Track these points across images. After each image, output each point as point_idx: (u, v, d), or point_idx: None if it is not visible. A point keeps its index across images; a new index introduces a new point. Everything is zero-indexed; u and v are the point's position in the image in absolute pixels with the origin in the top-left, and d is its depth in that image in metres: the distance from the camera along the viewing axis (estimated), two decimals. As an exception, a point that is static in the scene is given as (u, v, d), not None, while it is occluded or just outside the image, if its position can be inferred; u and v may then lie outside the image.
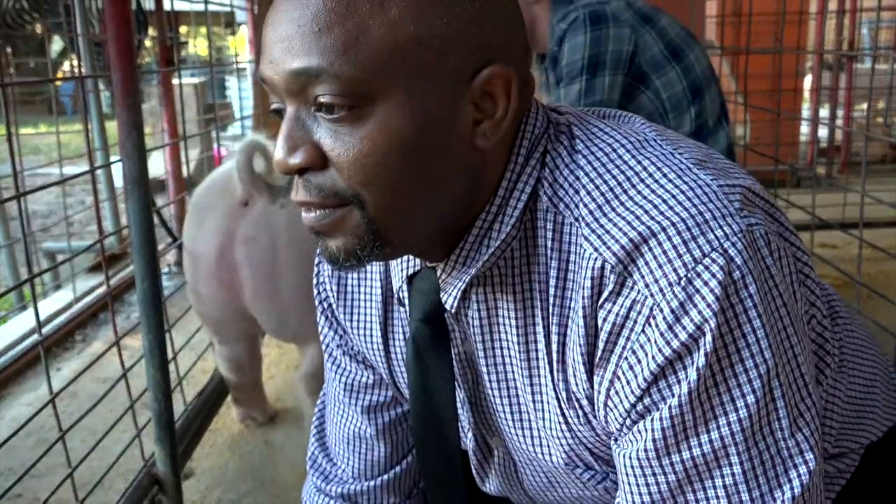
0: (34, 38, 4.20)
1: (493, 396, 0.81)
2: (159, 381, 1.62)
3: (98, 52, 3.51)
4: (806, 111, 5.52)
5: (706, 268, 0.64)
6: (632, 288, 0.66)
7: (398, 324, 0.87)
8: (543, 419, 0.78)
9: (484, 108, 0.68)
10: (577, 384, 0.72)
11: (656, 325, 0.64)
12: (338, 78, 0.62)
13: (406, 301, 0.82)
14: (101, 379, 2.36)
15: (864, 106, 5.16)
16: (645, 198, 0.68)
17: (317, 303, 0.96)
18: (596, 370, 0.70)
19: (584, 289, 0.68)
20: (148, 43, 3.83)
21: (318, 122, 0.65)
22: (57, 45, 5.53)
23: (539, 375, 0.76)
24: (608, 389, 0.69)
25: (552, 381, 0.74)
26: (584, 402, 0.73)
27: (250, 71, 3.98)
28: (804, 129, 5.26)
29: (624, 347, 0.67)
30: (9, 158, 1.46)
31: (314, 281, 0.95)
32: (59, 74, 6.90)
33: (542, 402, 0.77)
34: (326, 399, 1.03)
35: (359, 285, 0.89)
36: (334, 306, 0.93)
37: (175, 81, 3.43)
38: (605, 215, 0.68)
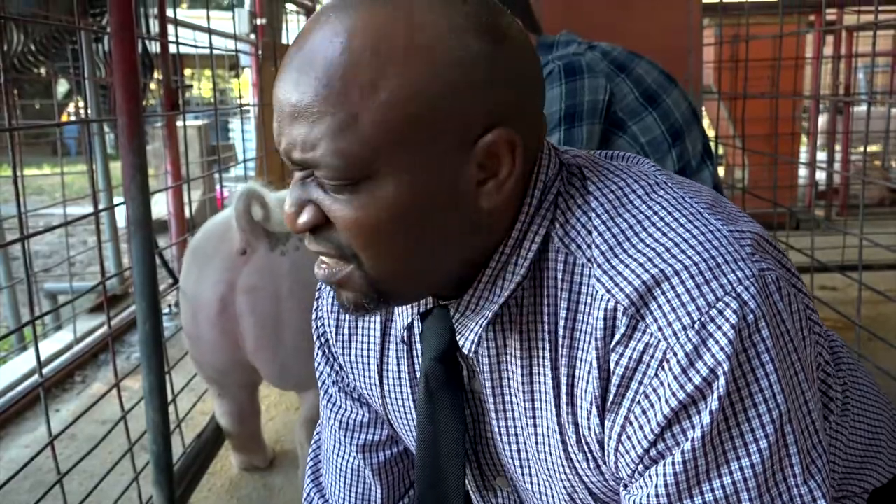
0: (40, 80, 4.26)
1: (499, 436, 0.81)
2: (158, 423, 1.61)
3: (104, 95, 3.56)
4: (804, 154, 5.57)
5: (720, 312, 0.64)
6: (644, 331, 0.66)
7: (394, 361, 0.87)
8: (546, 460, 0.77)
9: (488, 168, 0.67)
10: (588, 427, 0.72)
11: (670, 369, 0.64)
12: (330, 166, 0.64)
13: (417, 339, 0.82)
14: (100, 421, 2.35)
15: (862, 149, 5.20)
16: (657, 241, 0.68)
17: (314, 337, 0.96)
18: (607, 414, 0.69)
19: (596, 330, 0.68)
20: (153, 86, 3.88)
21: (321, 187, 0.67)
22: (62, 86, 5.61)
23: (542, 416, 0.75)
24: (620, 434, 0.69)
25: (557, 423, 0.74)
26: (595, 447, 0.72)
27: (254, 114, 4.02)
28: (802, 171, 5.30)
29: (636, 391, 0.67)
30: (13, 198, 1.47)
31: (313, 316, 0.95)
32: (64, 116, 6.98)
33: (544, 443, 0.76)
34: (322, 437, 1.03)
35: (356, 321, 0.89)
36: (332, 341, 0.93)
37: (179, 123, 3.47)
38: (616, 256, 0.69)
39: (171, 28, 3.27)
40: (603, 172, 0.75)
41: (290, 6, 3.86)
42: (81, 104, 3.99)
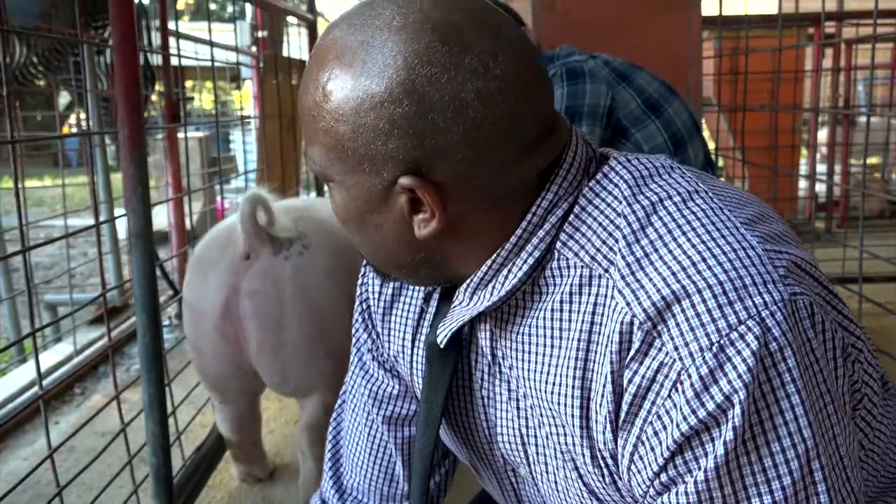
0: (42, 92, 4.27)
1: (511, 428, 0.82)
2: (158, 435, 1.61)
3: (105, 107, 3.57)
4: (804, 166, 5.58)
5: (741, 336, 0.61)
6: (660, 349, 0.64)
7: (426, 331, 0.89)
8: (559, 467, 0.77)
9: (416, 204, 0.71)
10: (603, 442, 0.71)
11: (683, 392, 0.62)
12: (311, 160, 0.75)
13: (433, 309, 0.87)
14: (100, 433, 2.34)
15: (862, 161, 5.22)
16: (684, 254, 0.66)
17: (357, 303, 0.98)
18: (620, 431, 0.68)
19: (612, 343, 0.67)
20: (154, 97, 3.89)
21: None
22: (64, 98, 5.62)
23: (555, 425, 0.75)
24: (632, 453, 0.68)
25: (572, 434, 0.73)
26: (610, 461, 0.71)
27: (255, 126, 4.03)
28: (802, 184, 5.31)
29: (649, 412, 0.65)
30: (13, 210, 1.47)
31: (359, 281, 0.98)
32: (66, 127, 6.99)
33: (558, 448, 0.76)
34: (345, 414, 1.03)
35: (401, 287, 0.92)
36: (373, 307, 0.95)
37: (180, 135, 3.48)
38: (642, 269, 0.67)
39: (172, 40, 3.29)
40: (636, 180, 0.73)
41: (291, 19, 3.88)
42: (83, 116, 4.00)
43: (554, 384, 0.73)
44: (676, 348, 0.63)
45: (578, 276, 0.71)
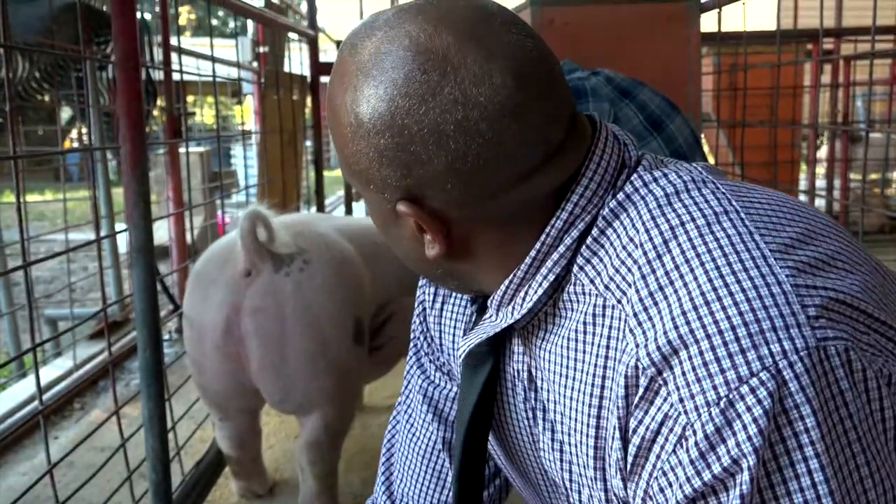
0: (44, 107, 4.29)
1: (545, 444, 0.79)
2: (158, 451, 1.61)
3: (107, 122, 3.58)
4: (804, 182, 5.59)
5: (752, 390, 0.54)
6: (665, 399, 0.58)
7: None
8: (583, 494, 0.74)
9: (421, 226, 0.71)
10: (617, 486, 0.66)
11: (687, 450, 0.56)
12: (342, 172, 0.78)
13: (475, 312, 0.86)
14: (99, 448, 2.34)
15: (861, 177, 5.23)
16: (699, 288, 0.59)
17: (416, 305, 0.98)
18: (629, 482, 0.63)
19: (619, 386, 0.62)
20: (156, 112, 3.91)
21: None
22: (66, 112, 5.64)
23: (577, 454, 0.72)
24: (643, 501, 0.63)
25: (591, 476, 0.70)
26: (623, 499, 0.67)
27: (255, 141, 4.04)
28: (802, 199, 5.31)
29: (654, 466, 0.60)
30: (14, 224, 1.48)
31: (418, 283, 0.97)
32: (67, 142, 7.01)
33: (582, 474, 0.73)
34: (401, 417, 1.01)
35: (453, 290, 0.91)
36: (427, 309, 0.94)
37: (181, 150, 3.49)
38: (655, 304, 0.61)
39: (174, 56, 3.30)
40: (667, 199, 0.67)
41: (292, 35, 3.90)
42: (84, 130, 4.02)
43: (574, 419, 0.70)
44: (681, 400, 0.57)
45: (593, 304, 0.67)
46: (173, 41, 3.39)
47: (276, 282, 1.65)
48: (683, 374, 0.57)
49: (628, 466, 0.62)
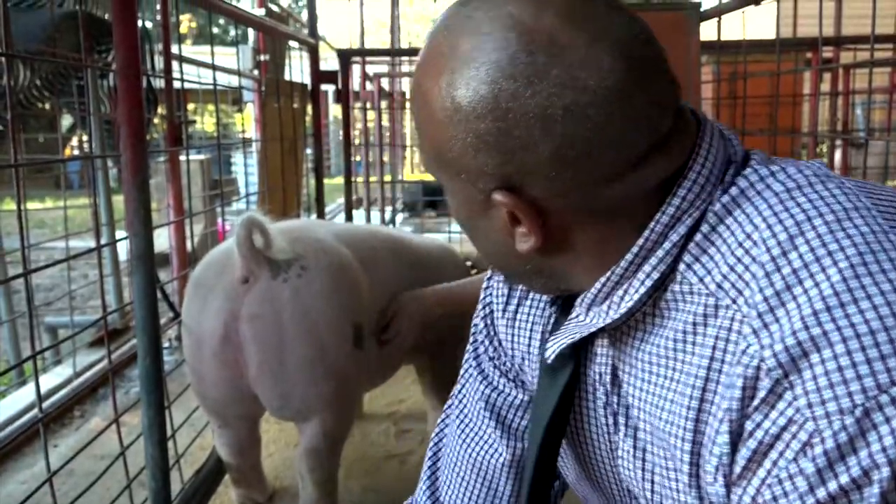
0: (45, 115, 4.30)
1: (627, 454, 0.76)
2: (158, 459, 1.60)
3: (108, 130, 3.59)
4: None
5: (893, 400, 0.51)
6: (790, 403, 0.55)
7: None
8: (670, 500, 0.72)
9: (515, 217, 0.67)
10: (714, 493, 0.63)
11: (813, 459, 0.53)
12: (422, 160, 0.75)
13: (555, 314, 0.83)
14: (99, 456, 2.33)
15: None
16: (832, 287, 0.56)
17: (479, 308, 0.94)
18: (735, 487, 0.60)
19: (734, 387, 0.59)
20: (156, 120, 3.91)
21: None
22: (66, 120, 5.66)
23: (665, 459, 0.69)
24: None
25: (686, 483, 0.67)
26: None
27: (256, 149, 4.05)
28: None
29: (769, 472, 0.57)
30: (15, 232, 1.48)
31: (485, 285, 0.94)
32: (68, 149, 7.03)
33: (669, 486, 0.70)
34: (451, 423, 0.96)
35: (528, 290, 0.87)
36: (496, 312, 0.91)
37: (182, 158, 3.50)
38: (782, 304, 0.57)
39: (175, 64, 3.31)
40: (788, 195, 0.63)
41: (293, 43, 3.91)
42: (85, 138, 4.03)
43: (667, 421, 0.67)
44: (810, 406, 0.53)
45: (703, 304, 0.64)
46: (174, 49, 3.40)
47: (274, 288, 1.65)
48: (814, 378, 0.54)
49: (738, 470, 0.59)
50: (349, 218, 3.71)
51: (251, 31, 4.81)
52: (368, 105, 6.50)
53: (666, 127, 0.65)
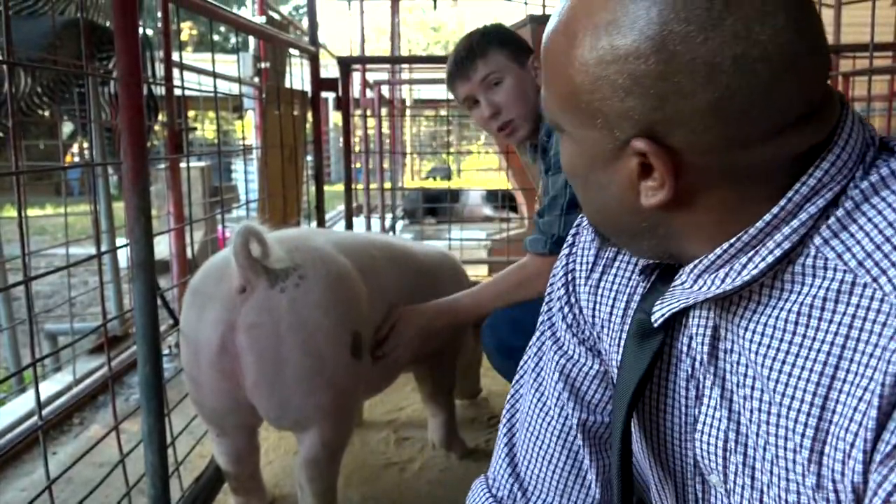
0: (45, 122, 4.30)
1: (714, 429, 0.75)
2: (157, 466, 1.60)
3: (108, 137, 3.59)
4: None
5: None
6: None
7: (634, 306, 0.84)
8: (768, 484, 0.70)
9: (646, 168, 0.67)
10: (841, 472, 0.63)
11: None
12: (545, 106, 0.74)
13: (648, 284, 0.82)
14: (98, 463, 2.33)
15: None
16: None
17: (558, 275, 0.93)
18: (877, 465, 0.59)
19: (879, 365, 0.59)
20: (157, 127, 3.92)
21: None
22: (67, 127, 5.67)
23: (772, 442, 0.68)
24: (891, 494, 0.59)
25: (807, 458, 0.66)
26: (846, 495, 0.63)
27: (256, 156, 4.06)
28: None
29: None
30: (15, 239, 1.48)
31: (566, 252, 0.93)
32: (69, 156, 7.03)
33: (770, 468, 0.70)
34: (525, 392, 0.95)
35: (614, 258, 0.87)
36: (579, 279, 0.90)
37: (182, 165, 3.50)
38: None
39: (175, 71, 3.32)
40: None
41: (293, 51, 3.92)
42: (85, 145, 4.03)
43: (784, 395, 0.66)
44: None
45: (838, 280, 0.63)
46: (175, 56, 3.41)
47: (272, 298, 1.64)
48: None
49: (885, 446, 0.59)
50: (349, 225, 3.71)
51: (252, 39, 4.83)
52: (369, 112, 6.51)
53: (817, 99, 0.65)
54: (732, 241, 0.67)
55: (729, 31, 0.60)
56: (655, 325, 0.74)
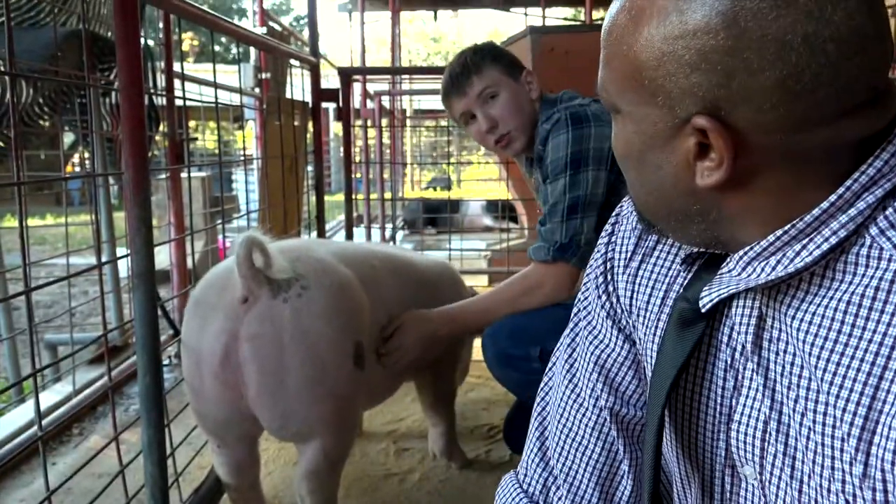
0: (46, 132, 4.31)
1: (751, 419, 0.75)
2: (157, 477, 1.60)
3: (109, 148, 3.60)
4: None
5: None
6: None
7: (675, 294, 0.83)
8: (807, 473, 0.70)
9: (705, 148, 0.67)
10: (891, 461, 0.62)
11: None
12: (602, 87, 0.74)
13: (690, 274, 0.82)
14: (97, 474, 2.33)
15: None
16: None
17: (597, 262, 0.93)
18: None
19: None
20: (158, 137, 3.93)
21: None
22: (68, 137, 5.68)
23: (818, 431, 0.68)
24: None
25: (854, 448, 0.65)
26: (891, 486, 0.63)
27: (257, 166, 4.07)
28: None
29: None
30: (15, 248, 1.49)
31: (605, 241, 0.93)
32: (69, 166, 7.05)
33: (812, 458, 0.69)
34: (557, 380, 0.94)
35: (654, 246, 0.87)
36: (617, 266, 0.90)
37: (183, 175, 3.51)
38: None
39: (177, 82, 3.33)
40: None
41: (294, 62, 3.93)
42: (86, 155, 4.04)
43: (833, 383, 0.66)
44: None
45: (892, 270, 0.63)
46: (176, 67, 3.42)
47: (274, 308, 1.64)
48: None
49: None
50: (350, 235, 3.71)
51: (253, 50, 4.84)
52: (369, 123, 6.53)
53: (881, 86, 0.65)
54: (786, 228, 0.67)
55: (802, 9, 0.60)
56: (703, 310, 0.74)
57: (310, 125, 3.55)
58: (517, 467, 1.00)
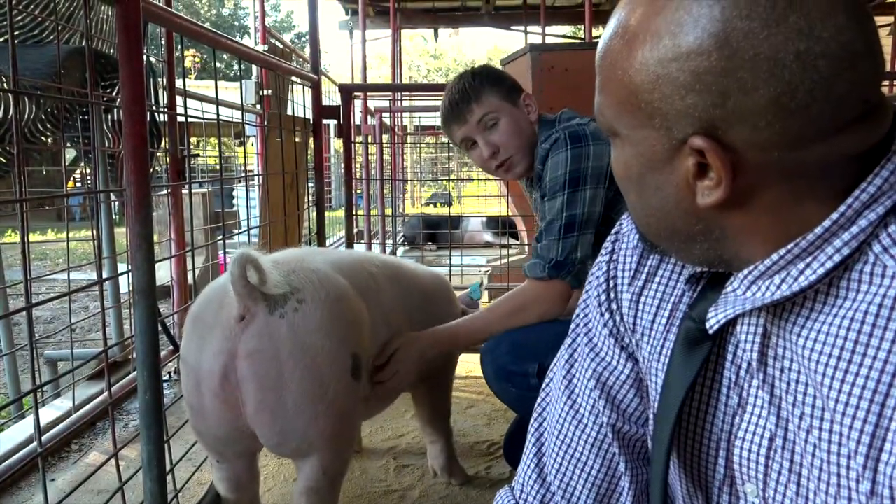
0: (48, 148, 4.33)
1: (755, 436, 0.75)
2: (156, 493, 1.60)
3: (111, 164, 3.62)
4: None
5: None
6: None
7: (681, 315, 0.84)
8: (811, 491, 0.70)
9: (703, 168, 0.67)
10: None
11: None
12: (600, 111, 0.75)
13: (695, 293, 0.82)
14: (97, 490, 2.32)
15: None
16: None
17: (598, 280, 0.93)
18: None
19: None
20: (159, 153, 3.95)
21: None
22: (70, 153, 5.70)
23: (823, 448, 0.68)
24: None
25: (862, 465, 0.65)
26: None
27: (258, 182, 4.08)
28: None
29: None
30: (16, 264, 1.49)
31: (606, 259, 0.93)
32: (70, 182, 7.07)
33: (817, 474, 0.69)
34: (555, 397, 0.94)
35: (658, 265, 0.87)
36: (620, 284, 0.90)
37: (184, 191, 3.52)
38: None
39: (178, 98, 3.35)
40: None
41: (295, 79, 3.96)
42: (88, 171, 4.05)
43: (839, 400, 0.66)
44: None
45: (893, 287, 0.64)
46: (178, 83, 3.44)
47: (271, 324, 1.64)
48: None
49: None
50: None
51: (254, 67, 4.87)
52: (370, 139, 6.55)
53: (875, 100, 0.66)
54: (790, 246, 0.68)
55: (792, 27, 0.61)
56: (711, 331, 0.74)
57: (311, 141, 3.57)
58: (512, 482, 1.00)
